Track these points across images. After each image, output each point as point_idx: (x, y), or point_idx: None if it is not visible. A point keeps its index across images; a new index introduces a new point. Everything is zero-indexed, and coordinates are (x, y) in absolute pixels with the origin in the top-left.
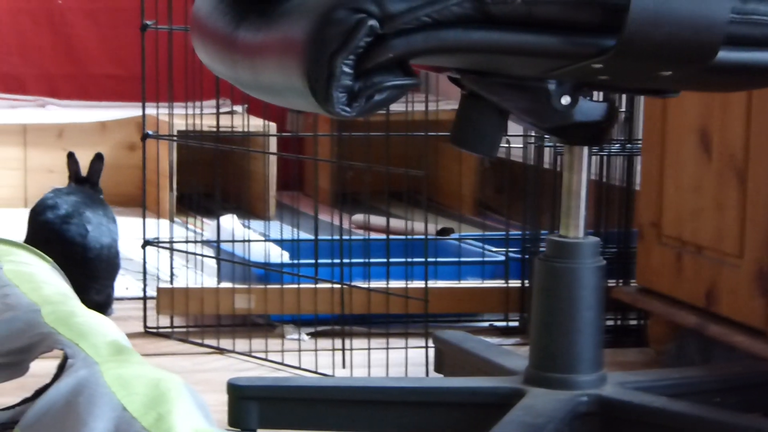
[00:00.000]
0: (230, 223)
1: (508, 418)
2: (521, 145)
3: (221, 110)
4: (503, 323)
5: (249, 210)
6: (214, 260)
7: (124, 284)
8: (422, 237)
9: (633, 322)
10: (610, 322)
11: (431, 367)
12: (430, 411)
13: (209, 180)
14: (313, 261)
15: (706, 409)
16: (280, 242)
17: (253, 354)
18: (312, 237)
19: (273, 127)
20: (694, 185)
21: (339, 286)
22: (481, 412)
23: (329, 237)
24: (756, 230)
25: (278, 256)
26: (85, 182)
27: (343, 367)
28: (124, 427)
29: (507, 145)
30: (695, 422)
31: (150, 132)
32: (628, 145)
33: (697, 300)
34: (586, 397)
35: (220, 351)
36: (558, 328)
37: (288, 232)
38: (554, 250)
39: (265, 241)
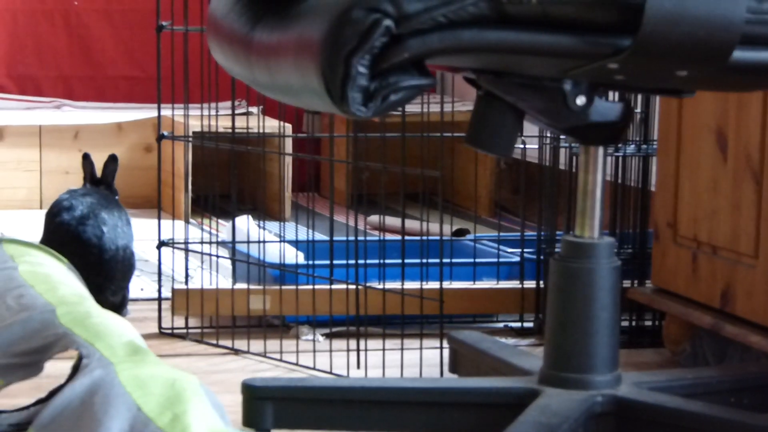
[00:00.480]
0: (245, 224)
1: (523, 418)
2: (537, 146)
3: (237, 111)
4: (518, 324)
5: (264, 211)
6: (229, 261)
7: (140, 285)
8: (438, 238)
9: (648, 323)
10: (625, 323)
11: (446, 367)
12: (444, 411)
13: (225, 181)
14: (328, 262)
15: (722, 409)
16: (296, 243)
17: (268, 355)
18: (327, 238)
19: (289, 128)
20: (709, 186)
21: (354, 287)
22: (496, 413)
23: (344, 238)
24: None
25: (293, 257)
26: (100, 183)
27: (358, 367)
28: (139, 427)
29: (523, 146)
30: (710, 422)
31: (165, 133)
32: (644, 146)
33: (712, 300)
34: (601, 397)
35: (235, 352)
36: (573, 328)
37: (303, 233)
38: (570, 250)
39: (280, 242)
